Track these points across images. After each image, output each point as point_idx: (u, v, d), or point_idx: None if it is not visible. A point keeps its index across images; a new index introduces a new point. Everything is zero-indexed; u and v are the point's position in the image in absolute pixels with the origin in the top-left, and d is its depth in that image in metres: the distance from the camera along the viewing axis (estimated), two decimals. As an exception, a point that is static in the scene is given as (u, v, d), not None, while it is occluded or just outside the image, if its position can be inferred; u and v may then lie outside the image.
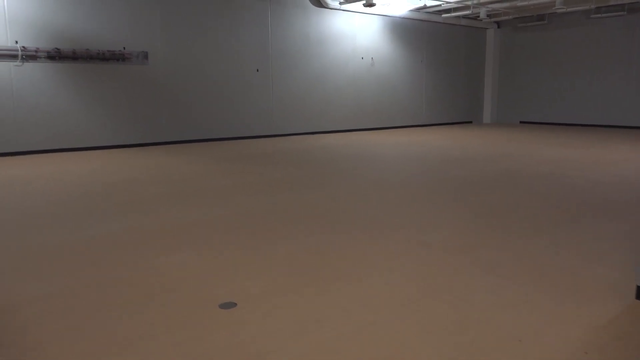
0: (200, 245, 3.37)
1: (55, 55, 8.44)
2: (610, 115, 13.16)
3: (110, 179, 6.01)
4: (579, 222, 3.93)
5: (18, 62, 8.13)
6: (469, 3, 11.84)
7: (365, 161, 7.46)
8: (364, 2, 10.83)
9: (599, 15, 12.97)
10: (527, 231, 3.67)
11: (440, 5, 12.00)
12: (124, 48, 9.15)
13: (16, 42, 8.09)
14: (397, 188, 5.39)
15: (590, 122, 13.60)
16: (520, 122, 15.23)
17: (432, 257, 3.10)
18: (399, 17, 12.96)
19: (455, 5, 12.17)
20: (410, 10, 12.78)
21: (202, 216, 4.18)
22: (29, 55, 8.22)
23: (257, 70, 10.87)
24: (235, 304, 2.42)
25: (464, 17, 13.96)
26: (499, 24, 15.29)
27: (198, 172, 6.52)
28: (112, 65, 9.08)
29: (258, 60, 10.86)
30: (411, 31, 13.46)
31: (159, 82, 9.66)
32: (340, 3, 11.55)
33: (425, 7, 12.04)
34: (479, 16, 13.27)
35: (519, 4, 11.56)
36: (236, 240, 3.48)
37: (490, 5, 12.24)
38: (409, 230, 3.73)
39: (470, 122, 15.55)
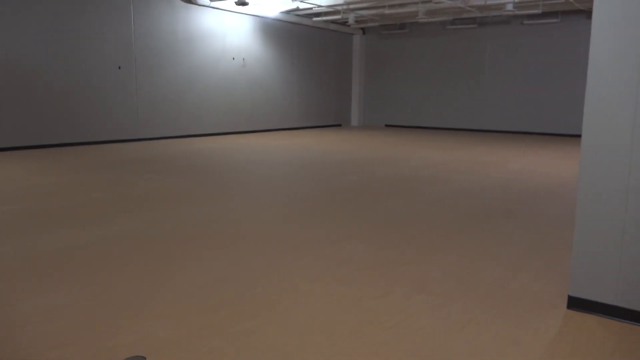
0: (79, 280, 2.74)
1: None
2: (468, 120, 14.23)
3: (-59, 196, 4.89)
4: (483, 227, 3.96)
5: None
6: (339, 8, 11.96)
7: (250, 167, 7.05)
8: (236, 0, 10.37)
9: (454, 26, 13.96)
10: (439, 241, 3.58)
11: (312, 8, 11.96)
12: (-47, 36, 7.67)
13: None
14: (293, 198, 5.08)
15: (448, 125, 14.57)
16: (386, 125, 15.87)
17: (355, 276, 2.83)
18: (271, 18, 12.71)
19: (327, 9, 12.23)
20: (282, 12, 12.59)
21: (74, 241, 3.47)
22: None
23: (119, 67, 9.86)
24: (144, 358, 1.91)
25: (333, 21, 14.14)
26: (364, 30, 15.77)
27: (58, 184, 5.60)
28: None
29: (120, 57, 9.86)
30: (283, 33, 13.29)
31: (1, 78, 8.27)
32: (211, 0, 10.95)
33: (297, 9, 11.92)
34: (347, 21, 13.53)
35: (386, 11, 11.95)
36: (125, 270, 2.90)
37: (359, 12, 12.51)
38: (320, 246, 3.44)
39: (340, 125, 15.83)
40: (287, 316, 2.32)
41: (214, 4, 11.11)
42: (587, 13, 12.05)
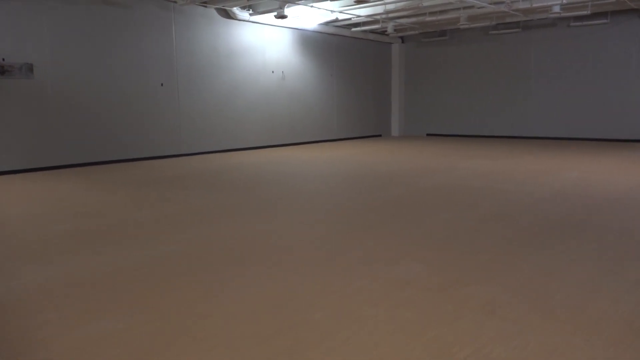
0: (132, 304, 2.66)
1: None
2: (513, 127, 13.79)
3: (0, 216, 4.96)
4: (548, 243, 3.70)
5: None
6: (378, 17, 11.82)
7: (292, 181, 6.95)
8: (275, 13, 10.38)
9: (497, 31, 13.59)
10: (503, 258, 3.35)
11: (350, 19, 11.87)
12: (3, 59, 7.90)
13: None
14: (337, 213, 4.93)
15: (492, 133, 14.16)
16: (427, 134, 15.56)
17: (418, 299, 2.65)
18: (310, 30, 12.69)
19: (365, 19, 12.11)
20: (320, 24, 12.55)
21: (122, 262, 3.41)
22: None
23: (162, 84, 9.98)
24: (201, 396, 1.78)
25: (372, 31, 14.01)
26: (403, 39, 15.56)
27: (105, 202, 5.62)
28: (-11, 79, 7.80)
29: (163, 74, 9.98)
30: (321, 45, 13.24)
31: (47, 98, 8.47)
32: (250, 14, 11.01)
33: (337, 20, 11.85)
34: (386, 31, 13.37)
35: (427, 19, 11.74)
36: (177, 293, 2.80)
37: (398, 20, 12.34)
38: (374, 265, 3.26)
39: (380, 135, 15.62)
40: (351, 346, 2.15)
41: (253, 18, 11.15)
42: (639, 12, 11.51)
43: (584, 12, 10.95)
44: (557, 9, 10.46)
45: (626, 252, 3.41)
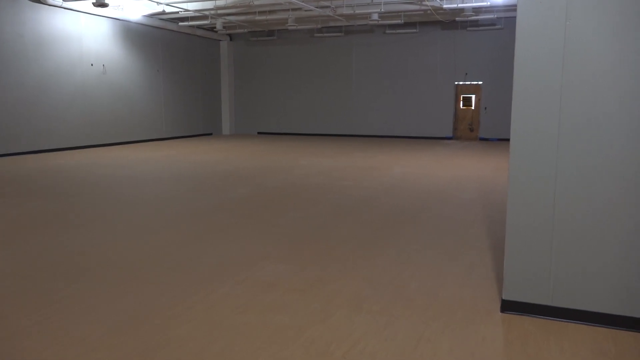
0: (-55, 342, 2.16)
1: None
2: (338, 125, 14.58)
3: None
4: (393, 234, 3.95)
5: None
6: (207, 13, 11.54)
7: (120, 186, 6.41)
8: (94, 1, 9.47)
9: (321, 34, 14.24)
10: (357, 253, 3.49)
11: (178, 12, 11.38)
12: None
13: None
14: (183, 217, 4.68)
15: (319, 131, 14.82)
16: (258, 132, 15.69)
17: (286, 301, 2.61)
18: (133, 22, 11.85)
19: (194, 14, 11.73)
20: (145, 16, 11.80)
21: None
22: None
23: (-47, 75, 8.46)
24: None
25: (199, 27, 13.63)
26: (231, 37, 15.44)
27: None
28: None
29: (-47, 62, 8.46)
30: (147, 38, 12.47)
31: None
32: (64, 0, 9.89)
33: (163, 12, 11.25)
34: (215, 27, 13.12)
35: (256, 18, 11.79)
36: (12, 321, 2.35)
37: (227, 17, 12.19)
38: (236, 269, 3.15)
39: (211, 134, 15.31)
40: (228, 358, 2.03)
41: (67, 4, 10.05)
42: (442, 24, 13.02)
43: (398, 21, 12.03)
44: (375, 16, 11.31)
45: (460, 238, 3.80)
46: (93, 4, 9.58)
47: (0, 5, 9.10)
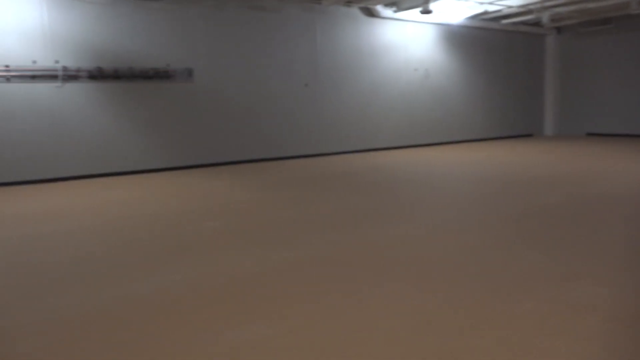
0: (278, 310, 2.59)
1: (97, 75, 7.92)
2: None
3: (158, 210, 5.33)
4: None
5: (58, 83, 7.65)
6: (532, 7, 10.89)
7: (435, 183, 6.59)
8: (421, 9, 10.03)
9: (677, 15, 11.79)
10: None
11: (501, 10, 11.08)
12: (168, 65, 8.59)
13: (57, 61, 7.61)
14: (488, 220, 4.51)
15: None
16: (587, 133, 14.05)
17: (606, 330, 2.22)
18: (455, 25, 12.11)
19: (517, 10, 11.23)
20: (467, 18, 11.91)
21: (266, 263, 3.40)
22: (70, 76, 7.73)
23: (306, 85, 10.18)
24: None
25: (523, 23, 12.99)
26: (559, 30, 14.23)
27: (254, 199, 5.79)
28: (155, 83, 8.54)
29: (307, 74, 10.18)
30: (467, 40, 12.57)
31: (203, 100, 9.06)
32: (395, 12, 10.79)
33: (485, 12, 11.14)
34: (539, 21, 12.29)
35: (590, 5, 10.54)
36: (322, 301, 2.68)
37: (555, 9, 11.25)
38: (542, 285, 2.85)
39: (531, 135, 14.46)
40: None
41: (396, 15, 10.92)
42: None
43: None
44: None
45: None
46: (420, 12, 10.16)
47: (342, 22, 10.51)
